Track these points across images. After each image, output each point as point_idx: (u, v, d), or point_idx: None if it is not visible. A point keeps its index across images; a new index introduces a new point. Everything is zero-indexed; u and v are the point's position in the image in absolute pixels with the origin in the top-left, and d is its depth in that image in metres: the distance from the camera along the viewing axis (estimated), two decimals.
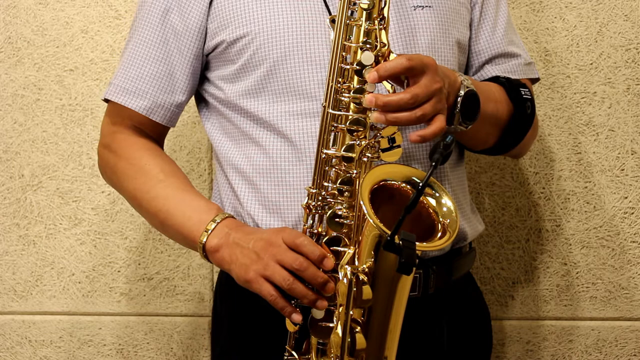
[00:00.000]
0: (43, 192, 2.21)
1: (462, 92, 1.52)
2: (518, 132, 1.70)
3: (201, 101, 1.73)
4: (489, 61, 1.74)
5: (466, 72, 1.74)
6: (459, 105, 1.51)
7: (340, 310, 1.39)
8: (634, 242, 2.20)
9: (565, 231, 2.20)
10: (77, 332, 2.24)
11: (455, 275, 1.68)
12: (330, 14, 1.56)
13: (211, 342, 1.82)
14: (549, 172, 2.19)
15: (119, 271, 2.23)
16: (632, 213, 2.19)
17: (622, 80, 2.16)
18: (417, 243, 1.33)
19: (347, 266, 1.38)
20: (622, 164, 2.18)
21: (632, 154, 2.18)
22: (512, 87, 1.69)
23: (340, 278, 1.39)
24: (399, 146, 1.46)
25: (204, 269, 2.22)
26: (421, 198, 1.44)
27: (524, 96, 1.68)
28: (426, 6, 1.62)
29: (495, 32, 1.74)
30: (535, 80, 1.83)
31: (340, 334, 1.39)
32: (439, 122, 1.43)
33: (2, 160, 2.21)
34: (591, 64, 2.16)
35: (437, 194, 1.46)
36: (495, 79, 1.71)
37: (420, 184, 1.33)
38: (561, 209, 2.20)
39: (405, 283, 1.43)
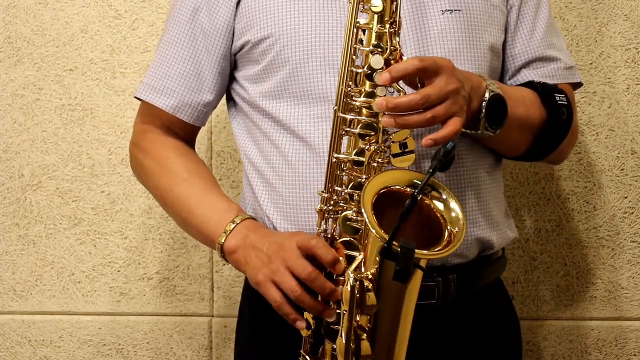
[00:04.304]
0: (43, 192, 2.21)
1: (487, 97, 1.47)
2: (553, 139, 1.64)
3: (230, 100, 1.72)
4: (526, 65, 1.68)
5: (502, 77, 1.69)
6: (484, 110, 1.47)
7: (344, 317, 1.37)
8: (634, 242, 2.20)
9: (565, 231, 2.20)
10: (77, 332, 2.24)
11: (482, 283, 1.64)
12: None
13: (235, 345, 1.81)
14: (549, 172, 2.19)
15: (119, 271, 2.23)
16: (632, 213, 2.19)
17: (622, 80, 2.16)
18: (417, 250, 1.29)
19: (350, 273, 1.37)
20: (622, 164, 2.18)
21: (632, 154, 2.18)
22: (547, 92, 1.63)
23: (345, 284, 1.37)
24: (412, 152, 1.42)
25: (204, 269, 2.22)
26: (429, 202, 1.42)
27: (559, 102, 1.62)
28: (455, 10, 1.58)
29: (534, 35, 1.68)
30: (577, 86, 1.75)
31: (344, 341, 1.37)
32: (453, 126, 1.38)
33: (2, 160, 2.21)
34: (591, 64, 2.16)
35: (445, 198, 1.42)
36: (530, 84, 1.66)
37: (416, 192, 1.30)
38: (561, 209, 2.20)
39: (413, 290, 1.40)
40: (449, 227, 1.41)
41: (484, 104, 1.47)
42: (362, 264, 1.41)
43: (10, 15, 2.18)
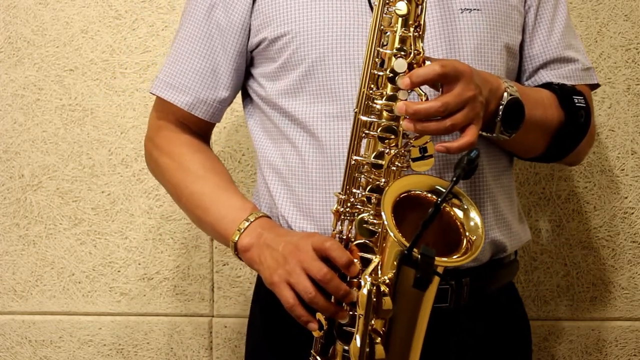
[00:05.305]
0: (43, 192, 2.21)
1: (504, 100, 1.47)
2: (570, 141, 1.63)
3: (246, 97, 1.72)
4: (543, 66, 1.67)
5: (519, 77, 1.69)
6: (500, 114, 1.47)
7: (360, 320, 1.37)
8: (634, 242, 2.20)
9: (565, 231, 2.20)
10: (77, 332, 2.24)
11: (494, 286, 1.64)
12: None
13: (245, 344, 1.81)
14: (549, 172, 2.19)
15: (119, 271, 2.23)
16: (632, 213, 2.19)
17: (622, 80, 2.16)
18: (436, 257, 1.29)
19: (367, 276, 1.36)
20: (622, 164, 2.18)
21: (632, 154, 2.18)
22: (565, 94, 1.62)
23: (361, 288, 1.37)
24: (430, 156, 1.42)
25: (204, 269, 2.22)
26: (449, 209, 1.41)
27: (577, 104, 1.61)
28: (474, 9, 1.57)
29: (552, 35, 1.67)
30: (594, 86, 1.75)
31: (359, 344, 1.37)
32: (469, 136, 1.38)
33: (2, 160, 2.21)
34: (591, 64, 2.16)
35: (465, 207, 1.42)
36: (548, 85, 1.65)
37: (439, 200, 1.30)
38: (561, 209, 2.20)
39: (429, 295, 1.40)
40: (467, 235, 1.40)
41: (500, 107, 1.47)
42: (379, 268, 1.40)
43: (10, 15, 2.18)
